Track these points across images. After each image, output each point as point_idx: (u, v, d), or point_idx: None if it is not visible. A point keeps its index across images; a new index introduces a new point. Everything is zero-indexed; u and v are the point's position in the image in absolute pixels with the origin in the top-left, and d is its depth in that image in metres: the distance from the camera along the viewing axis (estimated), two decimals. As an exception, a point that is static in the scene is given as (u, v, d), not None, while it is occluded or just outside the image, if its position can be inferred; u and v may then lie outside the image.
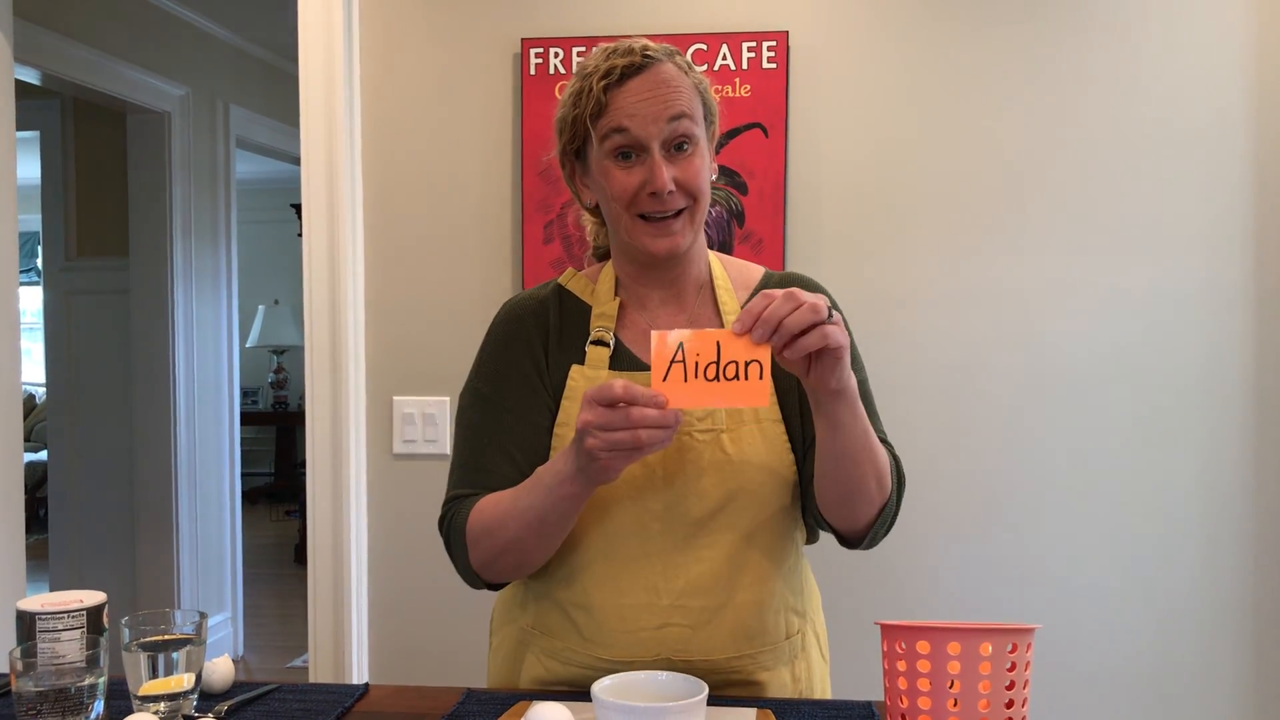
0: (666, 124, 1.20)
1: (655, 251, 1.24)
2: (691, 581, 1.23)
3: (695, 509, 1.23)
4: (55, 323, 4.37)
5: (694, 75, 1.26)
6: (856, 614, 2.07)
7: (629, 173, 1.22)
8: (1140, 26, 2.16)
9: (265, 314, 7.75)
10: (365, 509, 2.32)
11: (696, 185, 1.22)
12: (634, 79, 1.21)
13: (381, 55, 2.29)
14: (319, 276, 2.28)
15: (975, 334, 2.21)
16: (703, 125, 1.25)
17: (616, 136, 1.21)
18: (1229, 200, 2.16)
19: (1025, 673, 1.01)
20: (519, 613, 1.35)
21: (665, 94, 1.20)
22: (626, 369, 1.27)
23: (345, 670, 2.30)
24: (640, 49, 1.22)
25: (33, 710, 1.05)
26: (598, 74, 1.21)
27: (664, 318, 1.31)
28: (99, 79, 3.71)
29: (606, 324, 1.30)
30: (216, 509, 4.41)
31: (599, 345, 1.29)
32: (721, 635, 1.24)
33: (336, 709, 1.22)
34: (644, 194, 1.21)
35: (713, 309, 1.32)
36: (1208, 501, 2.18)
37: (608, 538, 1.24)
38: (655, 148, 1.20)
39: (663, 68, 1.22)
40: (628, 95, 1.21)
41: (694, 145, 1.22)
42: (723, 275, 1.35)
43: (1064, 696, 2.21)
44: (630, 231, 1.25)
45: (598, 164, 1.24)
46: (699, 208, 1.25)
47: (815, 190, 2.22)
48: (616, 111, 1.20)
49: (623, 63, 1.21)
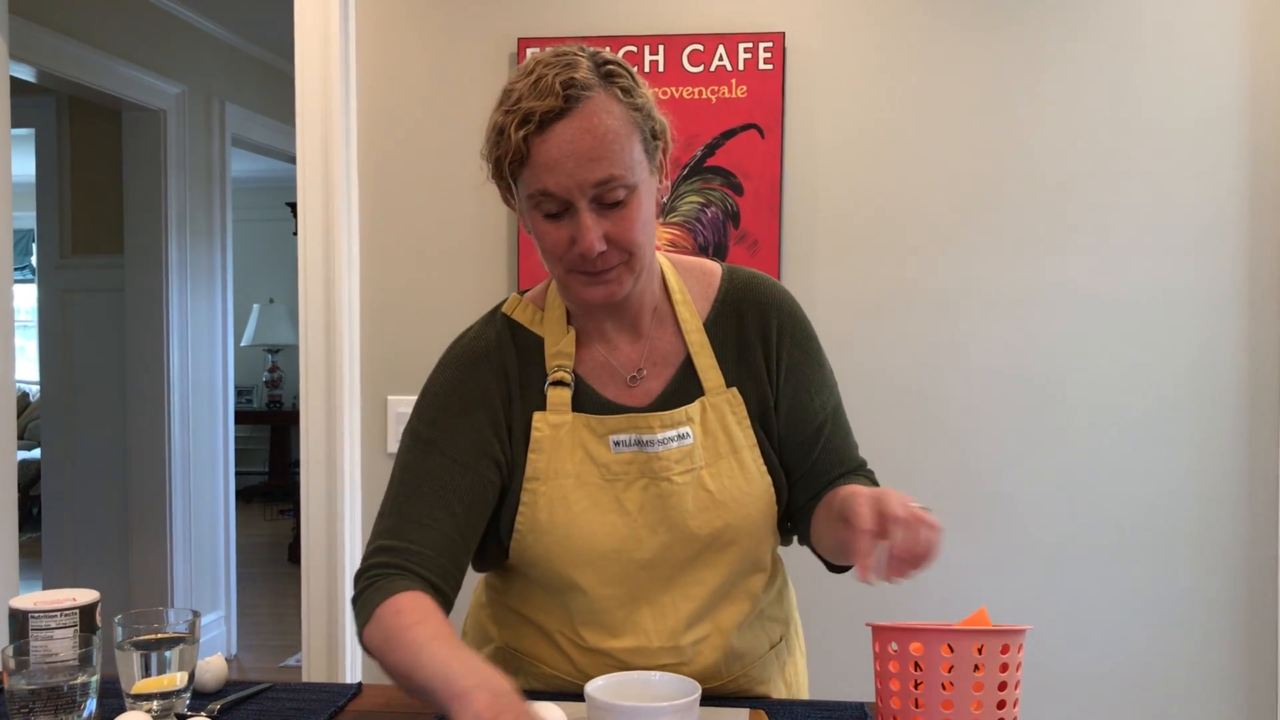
0: (593, 187, 1.08)
1: (590, 300, 1.15)
2: (681, 620, 1.21)
3: (682, 552, 1.20)
4: (50, 320, 4.36)
5: (634, 98, 1.11)
6: (845, 614, 2.07)
7: (557, 227, 1.11)
8: (1136, 29, 2.16)
9: (260, 313, 7.73)
10: (359, 508, 2.32)
11: (630, 240, 1.11)
12: (557, 124, 1.06)
13: (378, 54, 2.29)
14: (314, 275, 2.28)
15: (969, 335, 2.21)
16: (644, 161, 1.12)
17: (541, 197, 1.09)
18: (1223, 202, 2.16)
19: (1017, 674, 1.02)
20: (497, 631, 1.32)
21: (591, 149, 1.06)
22: (590, 410, 1.20)
23: (339, 670, 2.29)
24: (563, 86, 1.06)
25: (25, 708, 1.05)
26: (518, 117, 1.07)
27: (621, 345, 1.23)
28: (95, 76, 3.71)
29: (564, 362, 1.21)
30: (210, 508, 4.41)
31: (559, 386, 1.20)
32: (711, 663, 1.24)
33: (329, 708, 1.22)
34: (573, 252, 1.11)
35: (673, 327, 1.24)
36: (1200, 502, 2.19)
37: (594, 589, 1.20)
38: (583, 206, 1.08)
39: (590, 106, 1.07)
40: (550, 148, 1.07)
41: (630, 194, 1.10)
42: (679, 287, 1.25)
43: (1055, 698, 2.21)
44: (564, 283, 1.16)
45: (525, 212, 1.14)
46: (637, 259, 1.13)
47: (811, 191, 2.22)
48: (538, 167, 1.08)
49: (542, 107, 1.06)
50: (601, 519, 1.18)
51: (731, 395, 1.22)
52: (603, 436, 1.19)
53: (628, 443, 1.19)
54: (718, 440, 1.21)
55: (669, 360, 1.23)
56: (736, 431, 1.22)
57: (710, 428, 1.21)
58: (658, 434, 1.19)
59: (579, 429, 1.20)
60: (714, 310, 1.25)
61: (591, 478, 1.19)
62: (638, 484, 1.19)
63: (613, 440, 1.19)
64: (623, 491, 1.19)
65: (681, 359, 1.23)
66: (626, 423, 1.19)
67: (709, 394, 1.22)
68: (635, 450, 1.19)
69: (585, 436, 1.20)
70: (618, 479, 1.19)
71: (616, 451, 1.19)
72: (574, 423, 1.20)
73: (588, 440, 1.19)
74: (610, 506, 1.19)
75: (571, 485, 1.18)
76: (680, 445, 1.19)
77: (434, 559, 1.15)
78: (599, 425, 1.20)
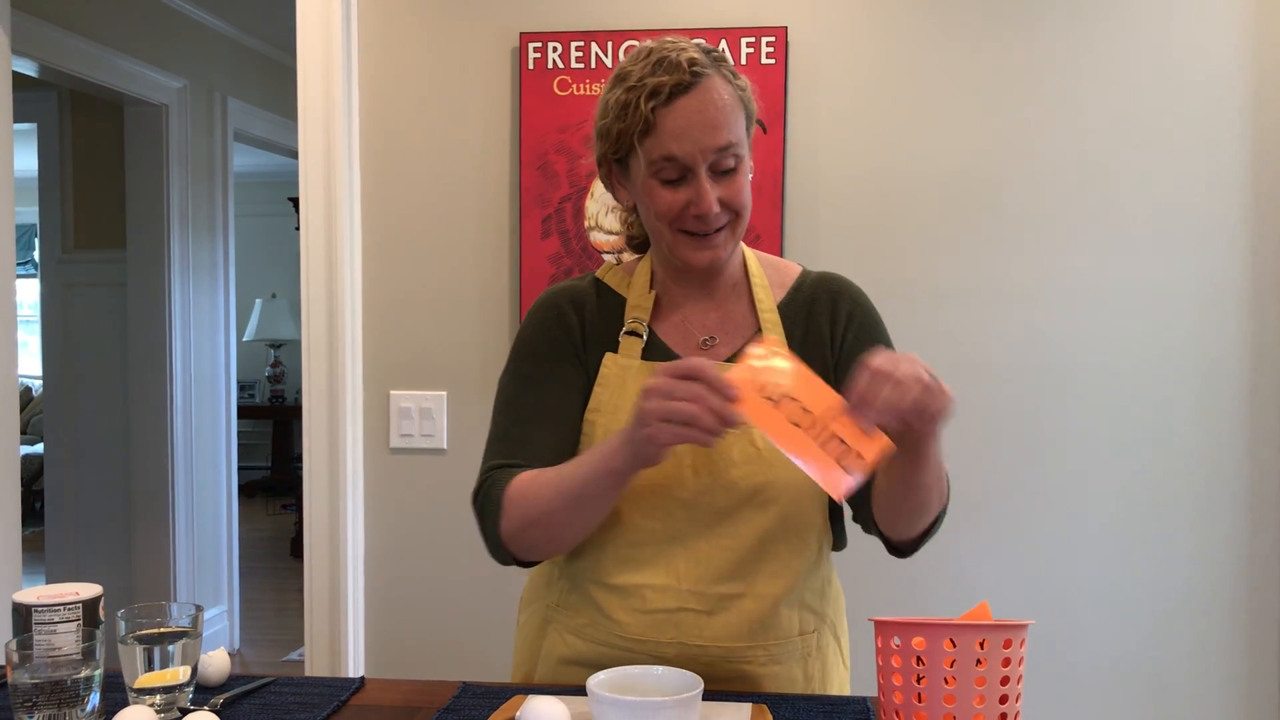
0: (714, 153, 1.20)
1: (697, 264, 1.26)
2: (712, 569, 1.25)
3: (722, 500, 1.25)
4: (52, 315, 4.37)
5: (739, 82, 1.25)
6: (849, 610, 2.07)
7: (675, 192, 1.22)
8: (1138, 23, 2.16)
9: (262, 307, 7.74)
10: (362, 503, 2.32)
11: (740, 203, 1.24)
12: (682, 98, 1.19)
13: (380, 49, 2.29)
14: (316, 270, 2.28)
15: (970, 328, 2.21)
16: (746, 138, 1.25)
17: (664, 162, 1.21)
18: (1224, 198, 2.16)
19: (1019, 668, 1.02)
20: (545, 591, 1.38)
21: (714, 119, 1.20)
22: (660, 359, 1.28)
23: (341, 664, 2.30)
24: (688, 64, 1.20)
25: (29, 703, 1.05)
26: (645, 91, 1.19)
27: (698, 314, 1.33)
28: (97, 71, 3.71)
29: (641, 315, 1.32)
30: (213, 502, 4.41)
31: (633, 336, 1.31)
32: (736, 623, 1.26)
33: (332, 702, 1.22)
34: (689, 213, 1.22)
35: (748, 304, 1.34)
36: (1202, 498, 2.19)
37: (633, 521, 1.26)
38: (702, 172, 1.20)
39: (710, 82, 1.20)
40: (676, 117, 1.19)
41: (739, 164, 1.23)
42: (759, 272, 1.36)
43: (1057, 692, 2.21)
44: (672, 245, 1.26)
45: (641, 179, 1.24)
46: (741, 222, 1.26)
47: (813, 186, 2.22)
48: (665, 135, 1.20)
49: (671, 81, 1.19)
50: None
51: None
52: None
53: None
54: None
55: (740, 332, 1.32)
56: None
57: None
58: None
59: (644, 373, 1.27)
60: (789, 296, 1.35)
61: None
62: None
63: None
64: None
65: (752, 332, 1.31)
66: None
67: None
68: None
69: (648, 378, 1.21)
70: None
71: None
72: (640, 367, 1.28)
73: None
74: None
75: (626, 420, 1.20)
76: None
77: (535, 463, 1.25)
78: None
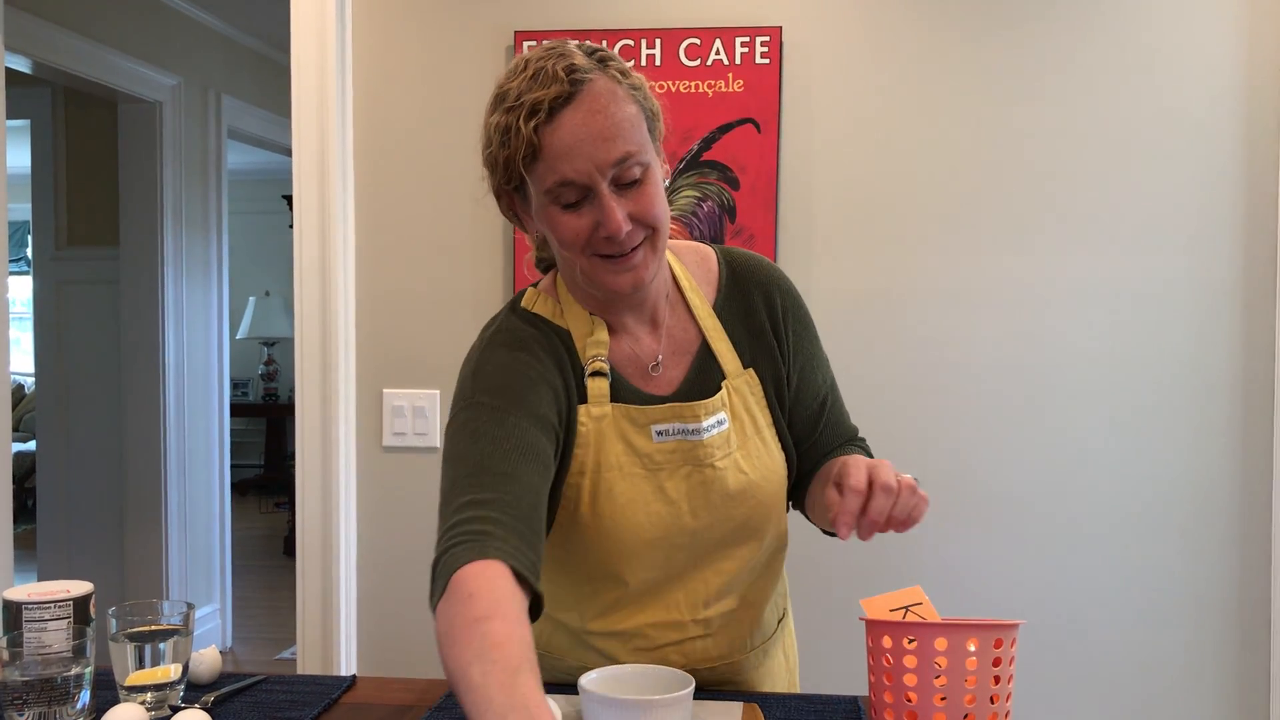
0: (613, 166, 1.07)
1: (620, 289, 1.13)
2: (710, 594, 1.24)
3: (719, 532, 1.22)
4: (45, 312, 4.36)
5: (631, 79, 1.11)
6: (839, 609, 2.08)
7: (578, 216, 1.09)
8: (1133, 23, 2.16)
9: (256, 305, 7.72)
10: (354, 502, 2.32)
11: (654, 215, 1.10)
12: (565, 111, 1.05)
13: (374, 47, 2.28)
14: (310, 268, 2.27)
15: (965, 329, 2.21)
16: (649, 141, 1.11)
17: (560, 187, 1.07)
18: (1218, 197, 2.16)
19: (1010, 667, 1.02)
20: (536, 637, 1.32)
21: (605, 129, 1.06)
22: (625, 400, 1.20)
23: (333, 662, 2.29)
24: (566, 72, 1.06)
25: (19, 700, 1.05)
26: (524, 110, 1.06)
27: (643, 336, 1.23)
28: (90, 68, 3.69)
29: (601, 352, 1.19)
30: (206, 500, 4.40)
31: (598, 377, 1.19)
32: (733, 637, 1.27)
33: (323, 701, 1.22)
34: (598, 236, 1.09)
35: (685, 313, 1.25)
36: (1195, 495, 2.19)
37: (636, 576, 1.21)
38: (604, 189, 1.07)
39: (594, 88, 1.07)
40: (562, 134, 1.05)
41: (645, 172, 1.09)
42: (684, 273, 1.26)
43: (1049, 690, 2.22)
44: (589, 273, 1.13)
45: (540, 208, 1.11)
46: (659, 235, 1.13)
47: (807, 186, 2.22)
48: (553, 156, 1.06)
49: (550, 94, 1.05)
50: (646, 509, 1.19)
51: (749, 376, 1.25)
52: (644, 427, 1.19)
53: (671, 432, 1.20)
54: (744, 422, 1.23)
55: (686, 348, 1.24)
56: (757, 412, 1.25)
57: (736, 411, 1.23)
58: (703, 422, 1.20)
59: (619, 420, 1.19)
60: (720, 294, 1.26)
61: (633, 468, 1.19)
62: (680, 472, 1.20)
63: (655, 430, 1.19)
64: (665, 480, 1.20)
65: (698, 345, 1.24)
66: (670, 413, 1.20)
67: (730, 377, 1.24)
68: (679, 439, 1.20)
69: (625, 427, 1.19)
70: (660, 468, 1.20)
71: (659, 441, 1.19)
72: (614, 414, 1.19)
73: (628, 431, 1.19)
74: (654, 496, 1.19)
75: (615, 478, 1.19)
76: (719, 431, 1.21)
77: (518, 505, 1.05)
78: (640, 415, 1.19)
